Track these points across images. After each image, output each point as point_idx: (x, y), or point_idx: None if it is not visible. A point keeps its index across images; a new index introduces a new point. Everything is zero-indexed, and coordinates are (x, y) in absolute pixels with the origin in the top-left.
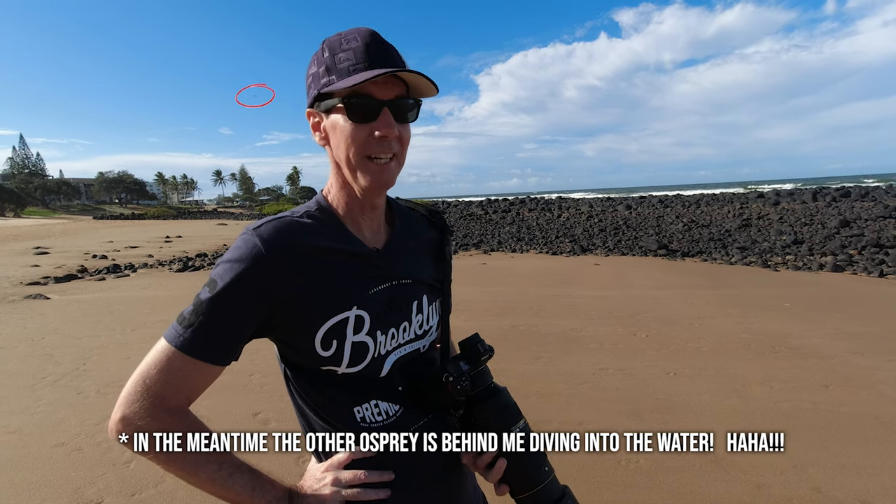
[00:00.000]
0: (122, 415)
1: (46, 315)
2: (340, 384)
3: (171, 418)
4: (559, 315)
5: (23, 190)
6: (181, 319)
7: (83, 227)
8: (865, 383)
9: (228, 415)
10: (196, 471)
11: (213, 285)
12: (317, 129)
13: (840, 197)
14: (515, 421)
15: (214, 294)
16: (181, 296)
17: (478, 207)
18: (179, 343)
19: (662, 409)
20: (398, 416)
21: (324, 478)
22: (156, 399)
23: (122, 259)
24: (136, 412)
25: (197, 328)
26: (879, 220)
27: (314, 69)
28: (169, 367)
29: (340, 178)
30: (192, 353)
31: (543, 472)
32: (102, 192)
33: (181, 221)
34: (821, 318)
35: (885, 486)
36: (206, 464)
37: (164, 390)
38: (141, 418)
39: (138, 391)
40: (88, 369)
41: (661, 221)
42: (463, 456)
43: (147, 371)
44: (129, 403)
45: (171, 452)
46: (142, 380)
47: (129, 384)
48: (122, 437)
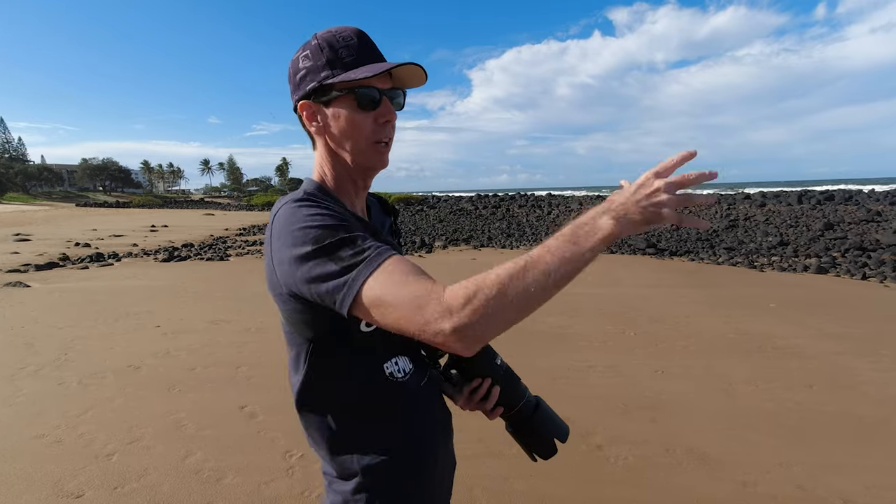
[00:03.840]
0: (450, 327)
1: (26, 304)
2: (368, 342)
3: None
4: (548, 312)
5: (3, 175)
6: (346, 266)
7: (65, 215)
8: (849, 384)
9: (214, 408)
10: (527, 273)
11: (322, 229)
12: (312, 120)
13: (825, 200)
14: (496, 354)
15: (330, 226)
16: (166, 286)
17: (468, 203)
18: (372, 263)
19: (650, 406)
20: (412, 372)
21: (652, 183)
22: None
23: (105, 248)
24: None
25: (363, 249)
26: (862, 224)
27: (310, 63)
28: (398, 274)
29: (338, 163)
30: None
31: (523, 386)
32: (86, 179)
33: (167, 210)
34: (805, 318)
35: (866, 484)
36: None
37: (427, 282)
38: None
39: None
40: (70, 359)
41: None
42: (459, 399)
43: (395, 298)
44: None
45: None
46: (401, 302)
47: (408, 317)
48: (473, 332)
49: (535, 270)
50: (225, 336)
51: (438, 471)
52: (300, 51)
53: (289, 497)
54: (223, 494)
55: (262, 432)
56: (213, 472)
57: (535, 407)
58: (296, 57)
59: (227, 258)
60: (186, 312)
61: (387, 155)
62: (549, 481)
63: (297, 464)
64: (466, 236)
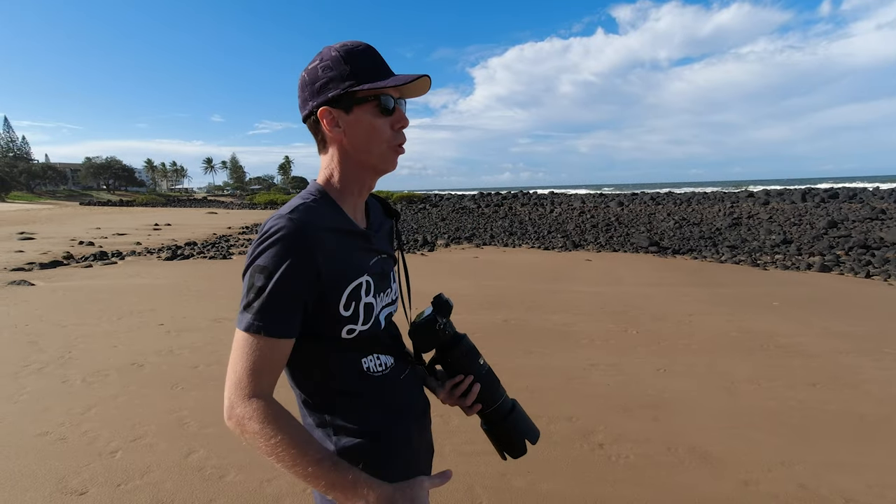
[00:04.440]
0: (227, 405)
1: (31, 302)
2: (349, 342)
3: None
4: (551, 310)
5: (7, 174)
6: (246, 306)
7: (69, 213)
8: (851, 382)
9: (217, 406)
10: (302, 455)
11: (265, 270)
12: (333, 124)
13: (828, 198)
14: (479, 355)
15: (271, 275)
16: (170, 284)
17: (470, 201)
18: (253, 328)
19: (652, 405)
20: (392, 367)
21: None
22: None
23: (109, 246)
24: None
25: (261, 309)
26: (867, 222)
27: (332, 73)
28: (250, 352)
29: (351, 165)
30: (266, 332)
31: (501, 388)
32: (90, 178)
33: (170, 209)
34: (808, 317)
35: (868, 483)
36: (307, 452)
37: (251, 377)
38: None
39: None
40: (74, 357)
41: (652, 219)
42: (440, 393)
43: (233, 363)
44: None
45: (275, 439)
46: (232, 372)
47: (228, 379)
48: (236, 429)
49: (295, 467)
50: (228, 334)
51: (412, 450)
52: (317, 61)
53: (290, 494)
54: (225, 492)
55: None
56: (216, 469)
57: (510, 409)
58: (312, 67)
59: (229, 256)
60: (189, 310)
61: (398, 158)
62: (550, 479)
63: None
64: (469, 235)
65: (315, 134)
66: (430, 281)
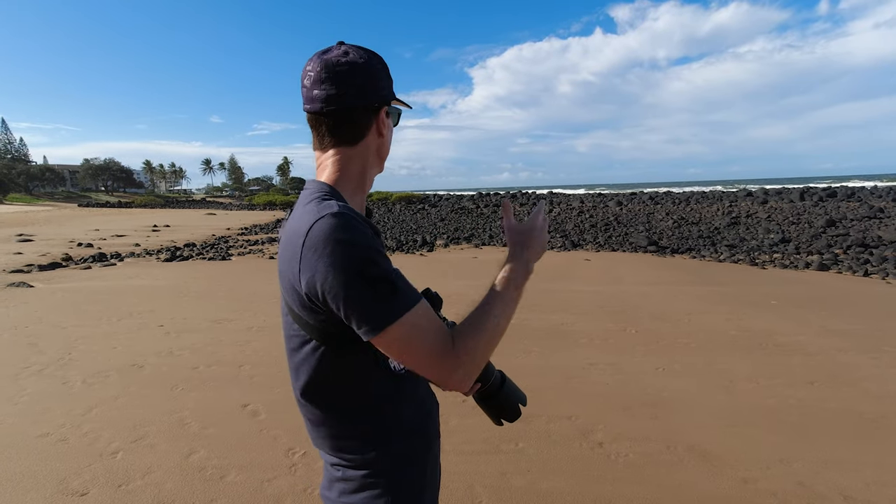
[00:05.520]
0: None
1: (30, 303)
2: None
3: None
4: (550, 309)
5: (5, 176)
6: (379, 300)
7: (68, 215)
8: (850, 380)
9: (217, 407)
10: (498, 322)
11: (367, 262)
12: (382, 124)
13: (827, 197)
14: None
15: (375, 261)
16: (169, 285)
17: (469, 201)
18: (404, 306)
19: (651, 403)
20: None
21: (544, 226)
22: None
23: (108, 248)
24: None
25: (395, 290)
26: (864, 221)
27: (384, 75)
28: (420, 324)
29: (370, 165)
30: (416, 299)
31: (492, 366)
32: (88, 180)
33: (169, 210)
34: (807, 315)
35: (866, 480)
36: (492, 305)
37: (437, 336)
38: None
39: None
40: (74, 359)
41: (651, 218)
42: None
43: (414, 348)
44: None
45: (484, 342)
46: (420, 356)
47: (425, 362)
48: (465, 378)
49: (504, 319)
50: (227, 335)
51: (438, 440)
52: (372, 59)
53: (291, 494)
54: (226, 492)
55: (264, 430)
56: (217, 469)
57: (502, 381)
58: (365, 63)
59: (228, 258)
60: (189, 312)
61: None
62: (550, 478)
63: (300, 461)
64: (468, 235)
65: (339, 126)
66: (430, 281)
